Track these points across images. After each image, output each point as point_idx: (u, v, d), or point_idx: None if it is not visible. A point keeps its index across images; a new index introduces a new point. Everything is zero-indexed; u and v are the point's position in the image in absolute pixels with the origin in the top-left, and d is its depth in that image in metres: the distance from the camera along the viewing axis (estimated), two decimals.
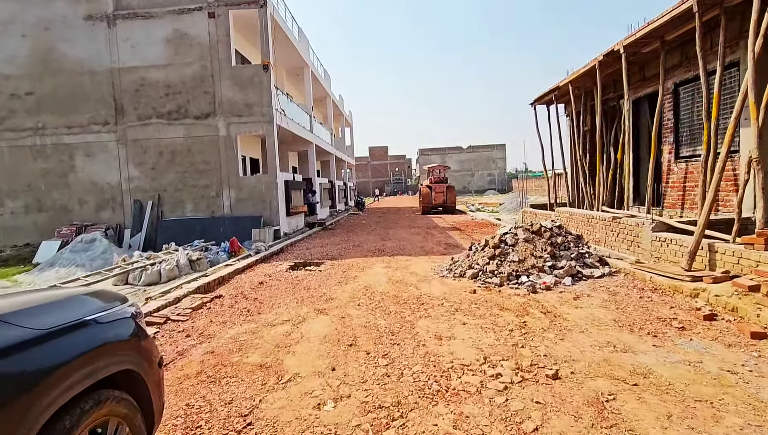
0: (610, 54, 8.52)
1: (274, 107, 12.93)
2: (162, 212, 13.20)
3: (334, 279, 7.13)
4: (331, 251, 10.34)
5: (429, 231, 13.95)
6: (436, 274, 7.10)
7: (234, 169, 12.96)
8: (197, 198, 13.09)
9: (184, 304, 5.85)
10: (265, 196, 12.97)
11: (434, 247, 10.30)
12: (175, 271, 8.51)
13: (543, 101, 13.13)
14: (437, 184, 22.56)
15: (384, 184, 77.15)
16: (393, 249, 10.20)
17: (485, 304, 5.19)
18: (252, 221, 12.77)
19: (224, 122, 12.88)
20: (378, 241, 11.78)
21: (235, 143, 12.91)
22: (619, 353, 3.57)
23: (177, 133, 12.98)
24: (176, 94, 12.94)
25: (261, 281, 7.22)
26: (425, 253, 9.47)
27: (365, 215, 23.72)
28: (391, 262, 8.41)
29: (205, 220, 12.91)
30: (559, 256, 6.56)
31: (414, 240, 11.76)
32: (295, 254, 10.16)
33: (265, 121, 12.86)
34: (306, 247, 11.45)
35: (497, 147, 70.70)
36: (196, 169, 13.04)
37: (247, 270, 8.43)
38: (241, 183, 13.01)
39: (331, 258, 9.37)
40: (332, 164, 25.52)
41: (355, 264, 8.44)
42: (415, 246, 10.55)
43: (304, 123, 17.42)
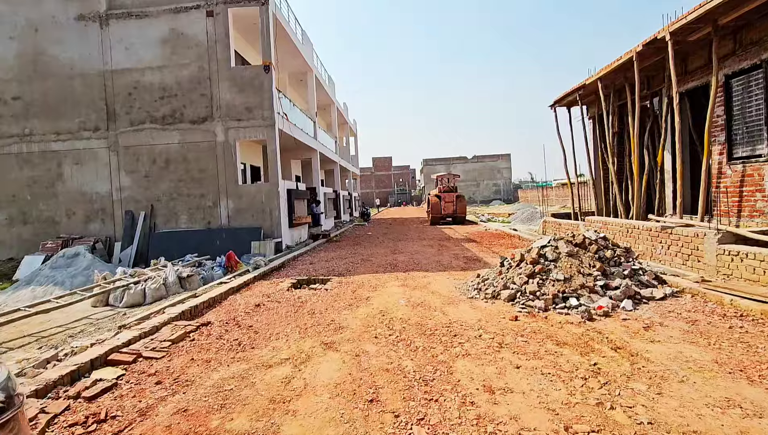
0: (651, 43, 7.58)
1: (275, 111, 12.06)
2: (155, 224, 12.26)
3: (343, 301, 6.10)
4: (338, 266, 9.32)
5: (442, 243, 12.92)
6: (462, 294, 6.06)
7: (232, 177, 12.04)
8: (192, 208, 12.16)
9: (163, 334, 4.84)
10: (265, 206, 12.02)
11: (452, 261, 9.26)
12: (162, 290, 7.52)
13: (564, 103, 12.19)
14: (446, 194, 21.58)
15: (388, 195, 76.35)
16: (406, 264, 9.18)
17: (535, 337, 4.14)
18: (251, 233, 11.80)
19: (222, 127, 12.01)
20: (389, 255, 10.75)
21: (233, 149, 12.01)
22: (754, 420, 2.52)
23: (172, 139, 12.11)
24: (171, 97, 12.11)
25: (258, 303, 6.20)
26: (443, 268, 8.44)
27: (371, 226, 22.73)
28: (406, 280, 7.38)
29: (201, 233, 11.95)
30: (610, 274, 5.52)
31: (428, 253, 10.73)
32: (298, 270, 9.16)
33: (266, 126, 11.98)
34: (310, 261, 10.44)
35: (502, 157, 69.94)
36: (191, 178, 12.13)
37: (244, 289, 7.41)
38: (240, 192, 12.08)
39: (338, 274, 8.35)
40: (337, 173, 24.63)
41: (366, 282, 7.42)
42: (430, 260, 9.52)
43: (307, 129, 16.57)
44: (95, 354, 4.04)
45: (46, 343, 5.25)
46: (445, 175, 23.53)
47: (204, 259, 9.91)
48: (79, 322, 6.43)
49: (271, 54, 12.08)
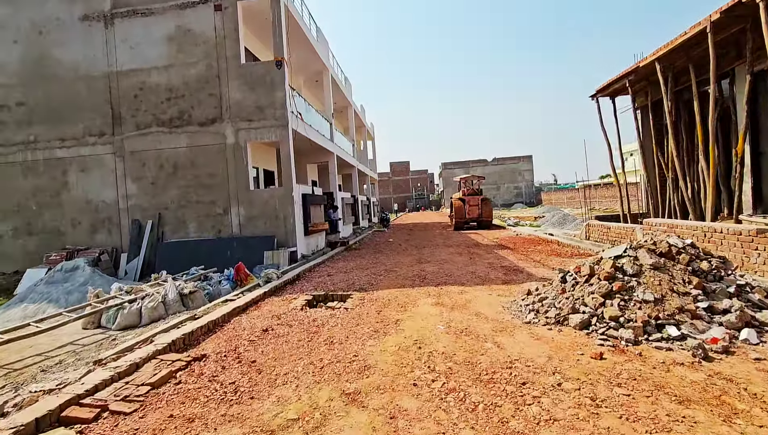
0: (730, 10, 6.29)
1: (289, 109, 11.16)
2: (163, 233, 11.47)
3: (368, 325, 5.01)
4: (359, 279, 8.25)
5: (472, 250, 11.71)
6: (514, 316, 4.89)
7: (243, 182, 11.16)
8: (202, 216, 11.32)
9: (144, 374, 3.84)
10: (279, 212, 11.08)
11: (489, 271, 8.08)
12: (160, 309, 6.59)
13: (609, 91, 10.89)
14: (471, 197, 20.33)
15: (406, 200, 75.23)
16: (437, 275, 8.04)
17: (638, 387, 2.96)
18: (264, 242, 10.87)
19: (232, 128, 11.16)
20: (414, 265, 9.63)
21: (244, 152, 11.14)
22: None
23: (179, 143, 11.34)
24: (178, 98, 11.35)
25: (266, 328, 5.17)
26: (481, 280, 7.26)
27: (391, 232, 21.64)
28: (440, 296, 6.24)
29: (211, 242, 11.09)
30: (711, 292, 4.27)
31: (458, 262, 9.56)
32: (314, 283, 8.13)
33: (278, 126, 11.07)
34: (327, 272, 9.41)
35: (524, 159, 68.01)
36: (200, 184, 11.31)
37: (251, 308, 6.40)
38: (251, 198, 11.18)
39: (359, 289, 7.27)
40: (355, 178, 23.68)
41: (393, 298, 6.32)
42: (463, 271, 8.35)
43: (324, 131, 15.66)
44: (45, 409, 3.06)
45: (14, 380, 4.34)
46: (469, 178, 22.29)
47: (211, 272, 8.99)
48: (63, 349, 5.54)
49: (283, 49, 11.20)
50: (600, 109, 11.13)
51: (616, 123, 11.02)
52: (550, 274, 7.39)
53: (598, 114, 11.13)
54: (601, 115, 11.12)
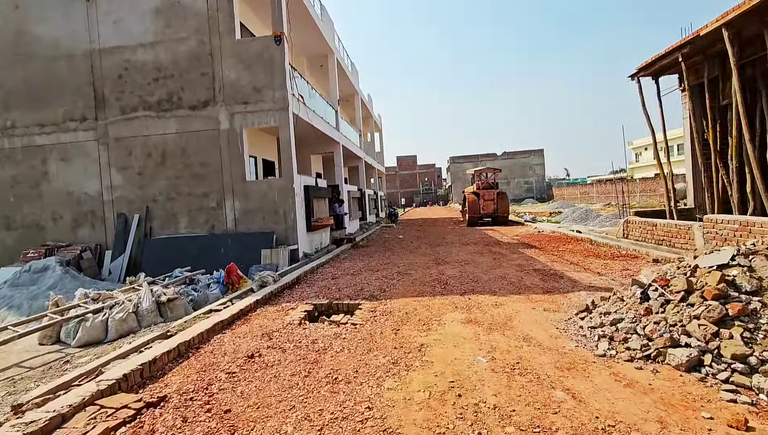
0: None
1: (289, 91, 9.96)
2: (151, 229, 10.37)
3: (383, 351, 3.84)
4: (369, 283, 7.08)
5: (493, 249, 10.49)
6: (577, 342, 3.69)
7: (239, 172, 10.01)
8: (193, 210, 10.21)
9: (70, 433, 2.70)
10: (278, 206, 9.93)
11: (522, 277, 6.86)
12: (131, 321, 5.48)
13: (653, 69, 9.55)
14: (486, 191, 19.04)
15: (413, 195, 73.95)
16: (460, 280, 6.83)
17: None
18: (262, 239, 9.73)
19: (226, 112, 10.00)
20: (431, 266, 8.43)
21: (240, 139, 9.99)
22: None
23: (168, 128, 10.20)
24: (167, 78, 10.20)
25: (252, 352, 4.02)
26: (516, 288, 6.05)
27: (400, 228, 20.44)
28: (470, 309, 5.05)
29: (203, 239, 9.97)
30: None
31: (481, 264, 8.34)
32: (316, 288, 6.97)
33: (277, 109, 9.89)
34: (332, 274, 8.25)
35: (535, 152, 66.36)
36: (191, 174, 10.18)
37: (239, 321, 5.25)
38: (248, 190, 10.04)
39: (369, 296, 6.10)
40: (362, 170, 22.48)
41: (411, 311, 5.14)
42: (490, 275, 7.14)
43: (329, 118, 14.45)
44: None
45: None
46: (484, 170, 20.99)
47: (198, 274, 7.87)
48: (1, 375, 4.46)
49: (283, 23, 9.99)
50: (642, 90, 9.80)
51: (660, 106, 9.69)
52: (600, 281, 6.16)
53: (640, 95, 9.78)
54: (643, 97, 9.78)
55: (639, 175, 58.92)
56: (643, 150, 65.15)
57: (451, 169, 67.53)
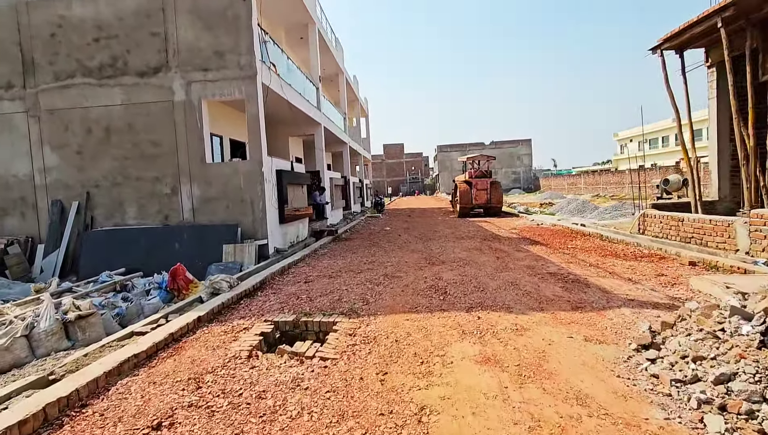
0: None
1: (257, 57, 8.40)
2: (93, 219, 8.77)
3: (361, 420, 2.48)
4: (349, 289, 5.71)
5: (492, 245, 9.22)
6: (663, 409, 2.39)
7: (198, 153, 8.46)
8: (143, 197, 8.63)
9: None
10: (245, 193, 8.43)
11: (539, 284, 5.57)
12: (20, 349, 4.03)
13: (679, 42, 8.29)
14: (479, 180, 17.77)
15: (400, 184, 72.62)
16: (461, 287, 5.52)
17: None
18: (224, 233, 8.24)
19: (182, 80, 8.39)
20: (424, 266, 7.10)
21: (199, 112, 8.41)
22: None
23: (112, 99, 8.55)
24: (110, 38, 8.51)
25: (160, 421, 2.61)
26: (535, 301, 4.76)
27: (387, 219, 19.10)
28: (483, 335, 3.73)
29: (154, 232, 8.43)
30: None
31: (484, 264, 7.05)
32: (283, 296, 5.57)
33: (243, 78, 8.32)
34: (306, 276, 6.85)
35: (523, 142, 65.60)
36: (141, 154, 8.58)
37: (165, 353, 3.80)
38: (208, 174, 8.50)
39: (348, 310, 4.74)
40: (346, 157, 20.94)
41: (403, 337, 3.79)
42: (498, 280, 5.84)
43: (309, 96, 12.88)
44: None
45: None
46: (476, 157, 19.71)
47: (135, 278, 6.38)
48: None
49: None
50: (665, 65, 8.55)
51: (685, 84, 8.46)
52: (639, 293, 4.90)
53: (663, 70, 8.53)
54: (666, 72, 8.53)
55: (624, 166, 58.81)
56: (628, 141, 65.03)
57: (439, 158, 66.31)
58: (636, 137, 63.21)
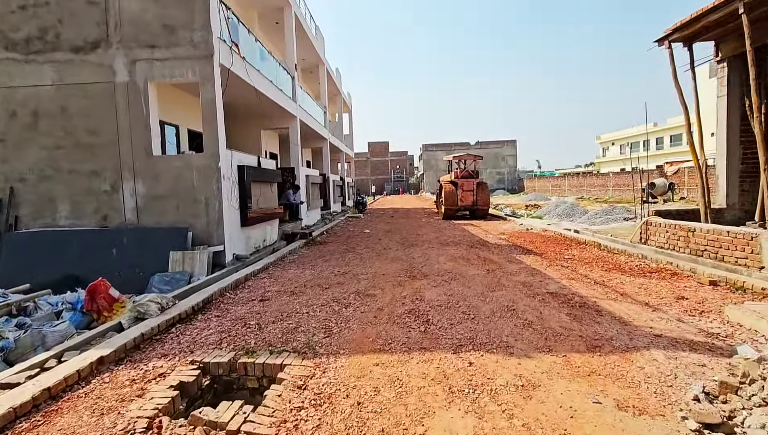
0: None
1: (215, 33, 7.24)
2: (17, 218, 7.46)
3: None
4: (310, 313, 4.65)
5: (481, 253, 8.28)
6: None
7: (143, 144, 7.24)
8: (78, 193, 7.37)
9: None
10: (198, 192, 7.26)
11: (541, 309, 4.61)
12: None
13: (689, 33, 7.49)
14: (465, 180, 16.86)
15: (384, 182, 71.61)
16: (447, 312, 4.52)
17: None
18: (172, 237, 7.06)
19: (125, 58, 7.16)
20: (404, 281, 6.08)
21: (145, 96, 7.19)
22: None
23: (42, 78, 7.25)
24: (39, 7, 7.21)
25: None
26: (540, 338, 3.78)
27: (368, 219, 18.06)
28: (478, 396, 2.73)
29: (89, 235, 7.18)
30: None
31: (473, 279, 6.07)
32: (227, 321, 4.47)
33: (197, 57, 7.15)
34: (263, 292, 5.75)
35: (507, 143, 65.40)
36: (76, 143, 7.32)
37: (25, 423, 2.69)
38: (156, 168, 7.29)
39: (305, 346, 3.68)
40: (326, 153, 19.80)
41: (369, 398, 2.77)
42: (492, 304, 4.87)
43: (283, 85, 11.72)
44: None
45: None
46: (463, 157, 18.81)
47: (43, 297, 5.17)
48: None
49: None
50: (673, 58, 7.73)
51: (694, 79, 7.67)
52: (664, 324, 3.97)
53: (672, 64, 7.71)
54: (675, 66, 7.71)
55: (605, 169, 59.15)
56: (610, 145, 65.55)
57: (424, 157, 65.57)
58: (618, 140, 63.82)
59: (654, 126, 54.87)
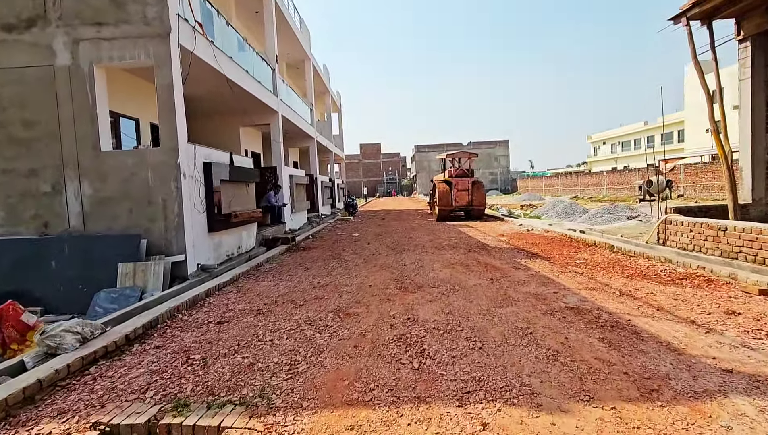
0: None
1: (173, 10, 6.24)
2: None
3: None
4: (274, 342, 3.68)
5: (481, 258, 7.35)
6: None
7: (89, 138, 6.21)
8: (13, 196, 6.31)
9: None
10: (154, 192, 6.25)
11: (567, 334, 3.68)
12: None
13: (708, 8, 6.66)
14: (459, 179, 15.97)
15: (377, 184, 70.68)
16: (446, 340, 3.57)
17: None
18: (121, 246, 6.03)
19: (66, 38, 6.14)
20: (394, 294, 5.13)
21: (90, 81, 6.17)
22: None
23: None
24: None
25: None
26: (573, 378, 2.85)
27: (358, 222, 17.09)
28: None
29: (26, 244, 6.12)
30: None
31: (475, 291, 5.14)
32: (163, 359, 3.48)
33: (151, 36, 6.15)
34: (224, 312, 4.76)
35: (500, 143, 64.86)
36: (9, 138, 6.27)
37: None
38: (104, 166, 6.26)
39: (257, 395, 2.71)
40: (313, 153, 18.80)
41: None
42: (503, 326, 3.93)
43: (262, 77, 10.72)
44: None
45: None
46: (457, 154, 17.95)
47: None
48: None
49: None
50: (692, 37, 6.90)
51: (715, 60, 6.86)
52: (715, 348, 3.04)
53: (691, 43, 6.88)
54: (694, 45, 6.87)
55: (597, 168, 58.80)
56: (601, 144, 65.31)
57: (416, 159, 64.76)
58: (609, 140, 63.57)
59: (645, 124, 54.71)
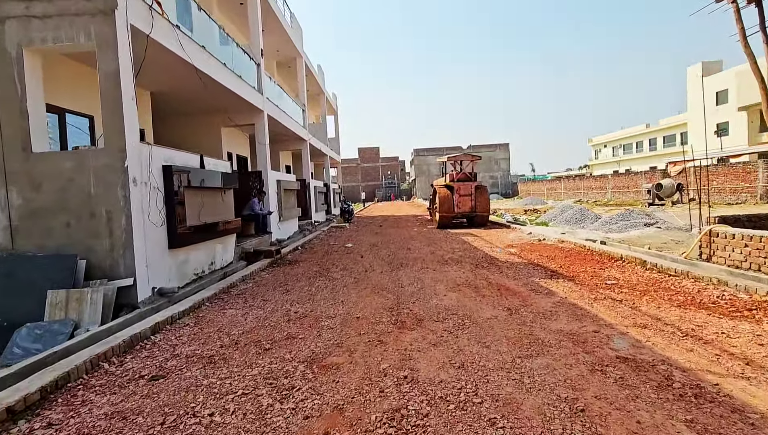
0: None
1: None
2: None
3: None
4: (214, 420, 2.55)
5: (491, 276, 6.24)
6: None
7: (18, 137, 5.11)
8: None
9: None
10: (96, 202, 5.13)
11: (633, 410, 2.57)
12: None
13: None
14: (462, 184, 14.88)
15: (375, 189, 69.59)
16: (458, 420, 2.47)
17: None
18: (54, 268, 4.91)
19: None
20: (386, 333, 4.01)
21: (18, 68, 5.08)
22: None
23: None
24: None
25: None
26: None
27: (353, 229, 15.98)
28: None
29: None
30: None
31: (489, 328, 4.03)
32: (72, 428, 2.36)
33: (92, 13, 5.06)
34: (165, 358, 3.63)
35: (500, 147, 63.92)
36: None
37: None
38: (36, 170, 5.15)
39: None
40: (306, 155, 17.70)
41: None
42: (539, 395, 2.82)
43: (243, 71, 9.64)
44: None
45: None
46: (459, 157, 16.86)
47: None
48: None
49: None
50: (740, 14, 5.85)
51: (766, 41, 5.80)
52: None
53: (739, 22, 5.83)
54: (742, 24, 5.81)
55: (598, 171, 57.83)
56: (602, 147, 64.33)
57: (416, 162, 63.76)
58: (610, 142, 62.56)
59: (647, 127, 53.76)
